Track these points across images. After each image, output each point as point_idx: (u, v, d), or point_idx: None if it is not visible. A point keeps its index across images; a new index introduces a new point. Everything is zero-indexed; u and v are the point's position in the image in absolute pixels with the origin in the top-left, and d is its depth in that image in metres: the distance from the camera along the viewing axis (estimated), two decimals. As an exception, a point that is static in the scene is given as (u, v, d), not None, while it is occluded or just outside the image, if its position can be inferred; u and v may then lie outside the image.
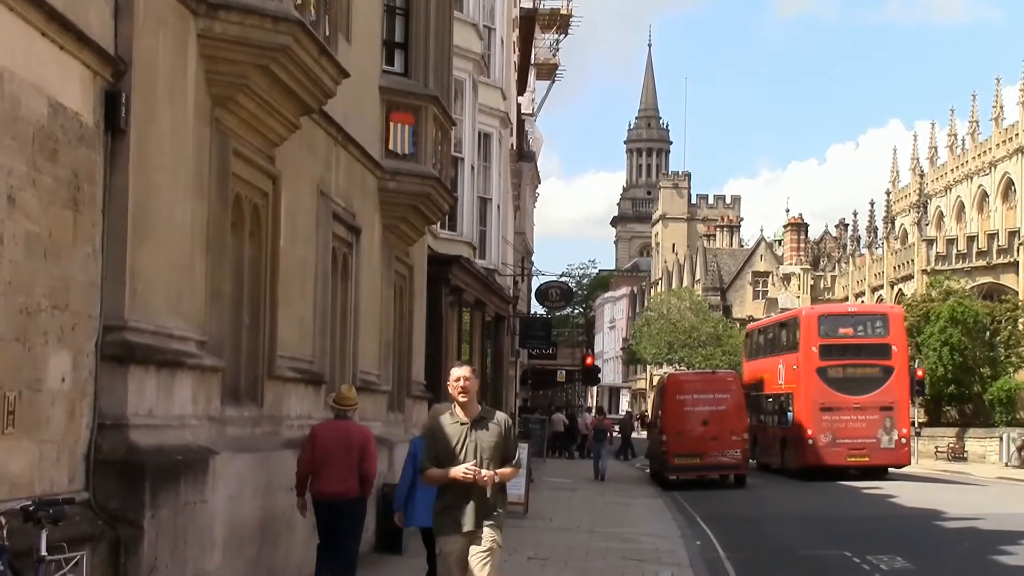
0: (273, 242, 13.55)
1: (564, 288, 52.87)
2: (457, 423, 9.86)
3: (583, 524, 23.57)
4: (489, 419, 9.91)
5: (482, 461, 9.69)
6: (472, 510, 9.71)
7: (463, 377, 9.87)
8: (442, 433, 9.88)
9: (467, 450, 9.73)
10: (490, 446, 9.78)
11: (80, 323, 9.46)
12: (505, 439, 9.90)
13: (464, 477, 9.59)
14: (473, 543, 9.70)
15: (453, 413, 9.91)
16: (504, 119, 35.38)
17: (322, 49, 12.95)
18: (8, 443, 8.41)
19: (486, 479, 9.62)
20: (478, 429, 9.82)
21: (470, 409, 9.88)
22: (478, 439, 9.77)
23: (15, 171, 8.44)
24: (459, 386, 9.84)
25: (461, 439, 9.77)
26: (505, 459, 9.89)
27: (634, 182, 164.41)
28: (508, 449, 9.94)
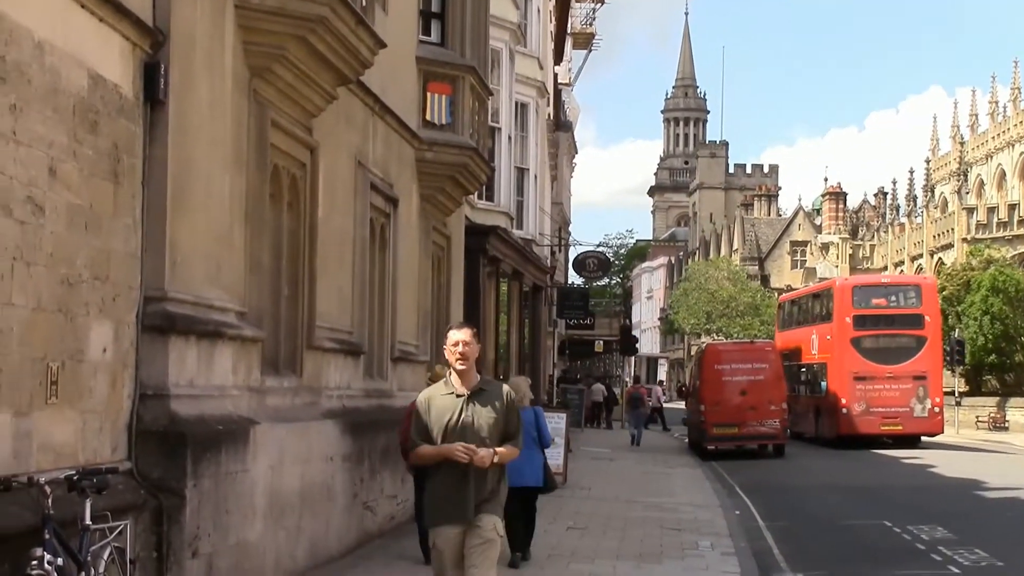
0: (311, 213, 13.58)
1: (601, 258, 52.74)
2: (452, 395, 8.53)
3: (621, 494, 23.58)
4: (489, 391, 8.61)
5: (479, 439, 8.38)
6: (469, 496, 8.43)
7: (462, 341, 8.52)
8: (434, 406, 8.55)
9: (462, 426, 8.41)
10: (489, 422, 8.47)
11: (121, 294, 9.52)
12: (507, 414, 8.60)
13: (459, 457, 8.29)
14: (470, 534, 8.43)
15: (448, 382, 8.60)
16: (541, 89, 35.26)
17: (359, 19, 12.94)
18: (51, 413, 8.48)
19: (484, 458, 8.31)
20: (476, 402, 8.50)
21: (468, 379, 8.56)
22: (475, 414, 8.46)
23: (56, 143, 8.48)
24: (457, 351, 8.50)
25: (456, 413, 8.44)
26: (506, 437, 8.58)
27: (671, 152, 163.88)
28: (510, 426, 8.63)
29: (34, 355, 8.23)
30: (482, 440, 8.37)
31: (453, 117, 19.70)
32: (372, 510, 15.61)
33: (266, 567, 11.64)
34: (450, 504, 8.47)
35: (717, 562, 15.16)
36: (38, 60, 8.26)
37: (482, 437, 8.38)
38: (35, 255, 8.21)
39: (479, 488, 8.46)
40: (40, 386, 8.32)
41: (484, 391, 8.57)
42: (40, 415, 8.32)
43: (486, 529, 8.45)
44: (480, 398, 8.51)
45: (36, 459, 8.24)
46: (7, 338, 7.87)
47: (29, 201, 8.13)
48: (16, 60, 7.96)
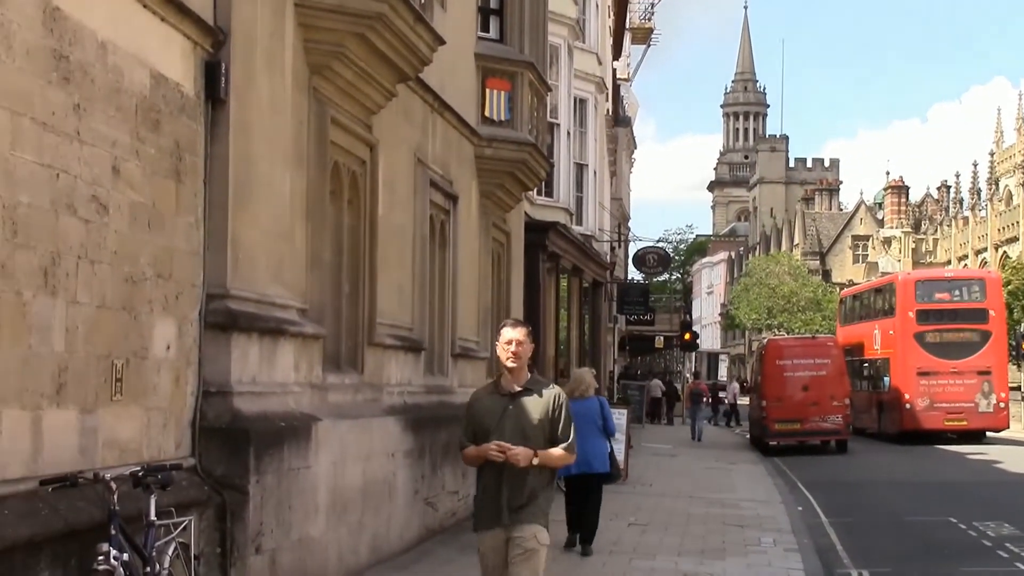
0: (371, 210, 13.61)
1: (661, 254, 52.53)
2: (497, 394, 8.28)
3: (683, 489, 23.50)
4: (537, 391, 8.24)
5: (522, 440, 8.02)
6: (502, 499, 8.11)
7: (516, 340, 8.17)
8: (480, 407, 8.34)
9: (505, 427, 8.08)
10: (533, 423, 8.12)
11: (184, 292, 9.58)
12: (553, 416, 8.18)
13: (492, 456, 8.00)
14: (511, 543, 8.11)
15: (497, 382, 8.35)
16: (600, 84, 35.19)
17: (418, 16, 12.96)
18: (117, 410, 8.55)
19: (518, 456, 7.93)
20: (521, 402, 8.17)
21: (518, 378, 8.23)
22: (520, 414, 8.13)
23: (119, 142, 8.55)
24: (511, 350, 8.17)
25: (500, 414, 8.15)
26: (553, 440, 8.17)
27: (731, 146, 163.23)
28: (557, 428, 8.20)
29: (99, 352, 8.30)
30: (525, 441, 8.00)
31: (512, 113, 19.69)
32: (433, 506, 15.63)
33: (329, 563, 11.68)
34: (486, 508, 8.24)
35: (780, 558, 15.07)
36: (101, 60, 8.33)
37: (526, 438, 8.02)
38: (99, 253, 8.28)
39: (514, 492, 8.09)
40: (105, 383, 8.39)
41: (531, 391, 8.22)
42: (105, 412, 8.39)
43: (526, 539, 8.08)
44: (526, 398, 8.19)
45: (102, 455, 8.31)
46: (73, 336, 7.95)
47: (93, 200, 8.19)
48: (80, 60, 8.03)
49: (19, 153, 7.30)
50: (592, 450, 14.66)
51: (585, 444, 13.81)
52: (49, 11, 7.66)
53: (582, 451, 13.79)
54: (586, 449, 14.12)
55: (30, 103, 7.44)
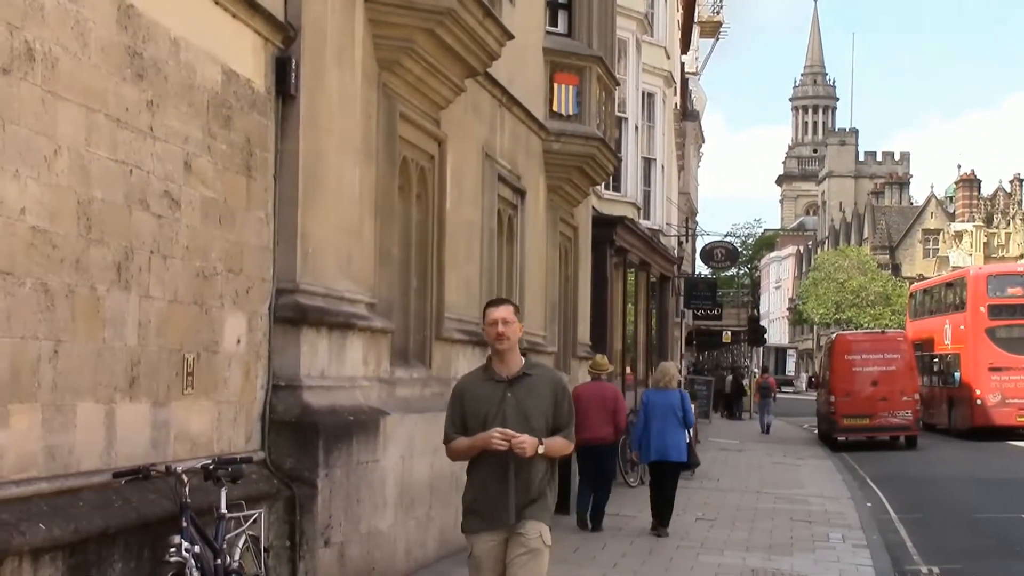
0: (440, 204, 13.64)
1: (729, 248, 52.26)
2: (491, 380, 7.42)
3: (750, 485, 23.39)
4: (536, 376, 7.46)
5: (526, 430, 7.25)
6: (509, 496, 7.32)
7: (501, 319, 7.35)
8: (472, 394, 7.47)
9: (505, 416, 7.27)
10: (536, 411, 7.33)
11: (254, 286, 9.66)
12: (557, 402, 7.42)
13: (495, 444, 7.17)
14: (512, 542, 7.37)
15: (488, 368, 7.49)
16: (668, 78, 35.04)
17: (487, 11, 12.98)
18: (188, 403, 8.64)
19: (525, 444, 7.14)
20: (520, 389, 7.35)
21: (511, 362, 7.40)
22: (520, 402, 7.32)
23: (191, 138, 8.63)
24: (495, 331, 7.34)
25: (496, 402, 7.32)
26: (556, 429, 7.41)
27: (799, 140, 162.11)
28: (561, 416, 7.44)
29: (171, 346, 8.39)
30: (529, 431, 7.23)
31: (580, 107, 19.67)
32: (501, 500, 15.62)
33: (397, 556, 11.74)
34: (488, 507, 7.40)
35: (848, 554, 14.97)
36: (174, 57, 8.40)
37: (530, 428, 7.24)
38: (171, 248, 8.37)
39: (524, 487, 7.35)
40: (176, 377, 8.47)
41: (529, 376, 7.41)
42: (177, 405, 8.48)
43: (531, 537, 7.35)
44: (525, 384, 7.37)
45: (173, 448, 8.40)
46: (145, 330, 8.03)
47: (166, 195, 8.28)
48: (153, 57, 8.11)
49: (94, 149, 7.39)
50: (670, 440, 15.92)
51: (664, 433, 15.88)
52: (124, 8, 7.75)
53: (661, 439, 15.65)
54: (665, 438, 15.89)
55: (104, 99, 7.52)
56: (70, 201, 7.16)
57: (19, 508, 6.57)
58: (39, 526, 6.61)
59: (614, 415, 16.44)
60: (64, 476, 7.11)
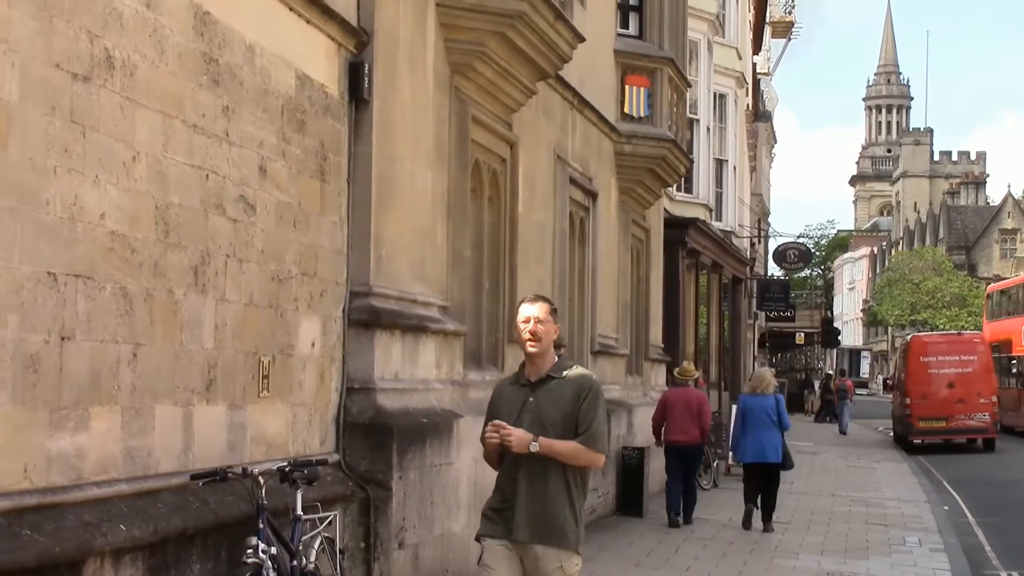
0: (511, 207, 13.67)
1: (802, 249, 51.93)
2: (518, 384, 6.93)
3: (825, 488, 23.21)
4: (562, 379, 6.80)
5: (542, 433, 6.63)
6: (517, 507, 6.67)
7: (534, 318, 6.78)
8: (501, 399, 7.01)
9: (523, 421, 6.69)
10: (556, 415, 6.69)
11: (328, 289, 9.73)
12: (580, 406, 6.71)
13: (488, 439, 6.70)
14: (529, 568, 6.75)
15: (521, 371, 6.97)
16: (739, 79, 34.90)
17: (558, 14, 12.99)
18: (264, 406, 8.71)
19: (513, 438, 6.56)
20: (544, 392, 6.78)
21: (541, 365, 6.83)
22: (541, 405, 6.74)
23: (266, 143, 8.71)
24: (527, 330, 6.78)
25: (518, 407, 6.79)
26: (576, 432, 6.69)
27: (873, 140, 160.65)
28: (584, 420, 6.69)
29: (246, 349, 8.47)
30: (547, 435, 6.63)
31: (651, 109, 19.65)
32: (573, 503, 15.62)
33: (470, 558, 11.73)
34: (498, 513, 6.82)
35: (925, 558, 14.83)
36: (249, 62, 8.49)
37: (545, 432, 6.63)
38: (247, 252, 8.44)
39: (536, 498, 6.65)
40: (252, 380, 8.55)
41: (555, 379, 6.80)
42: (253, 408, 8.55)
43: (548, 571, 6.71)
44: (550, 387, 6.78)
45: (250, 451, 8.48)
46: (221, 333, 8.11)
47: (241, 200, 8.36)
48: (228, 63, 8.19)
49: (171, 155, 7.48)
50: (768, 442, 16.83)
51: (762, 436, 16.81)
52: (200, 15, 7.84)
53: (758, 442, 16.64)
54: (762, 440, 16.79)
55: (181, 105, 7.61)
56: (148, 206, 7.25)
57: (100, 509, 6.66)
58: (119, 527, 6.69)
59: (700, 418, 17.37)
60: (143, 478, 7.19)
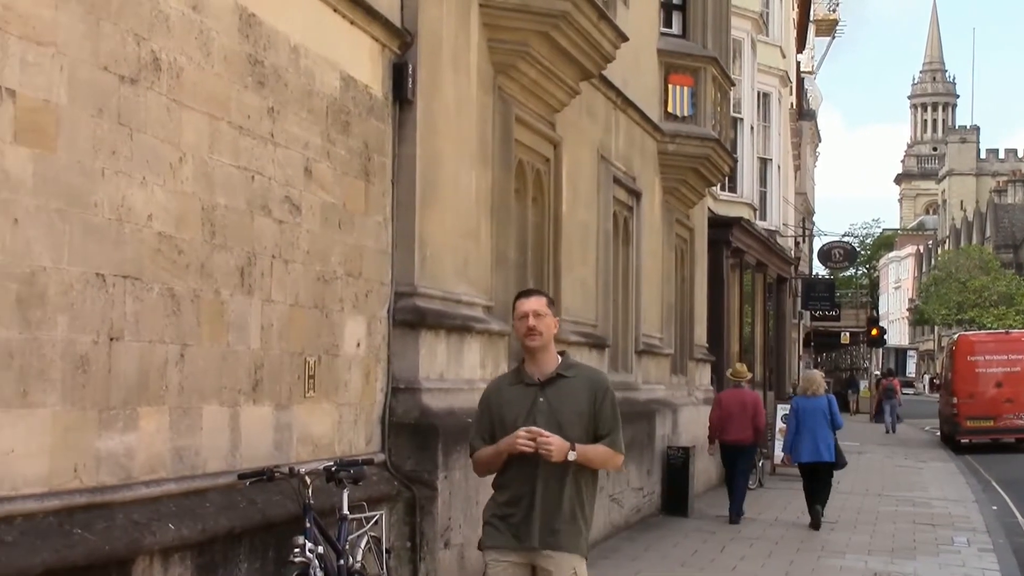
0: (555, 207, 13.66)
1: (847, 248, 51.75)
2: (521, 383, 6.49)
3: (871, 487, 23.09)
4: (573, 377, 6.45)
5: (558, 435, 6.25)
6: (534, 513, 6.32)
7: (532, 312, 6.39)
8: (500, 400, 6.55)
9: (536, 422, 6.30)
10: (573, 416, 6.34)
11: (373, 290, 9.76)
12: (597, 407, 6.40)
13: (520, 446, 6.20)
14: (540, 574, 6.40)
15: (519, 369, 6.57)
16: (783, 78, 34.77)
17: (601, 14, 12.98)
18: (310, 406, 8.75)
19: (552, 446, 6.15)
20: (555, 392, 6.39)
21: (544, 362, 6.45)
22: (553, 407, 6.34)
23: (311, 143, 8.75)
24: (525, 325, 6.39)
25: (527, 408, 6.37)
26: (598, 437, 6.39)
27: (918, 138, 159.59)
28: (603, 422, 6.41)
29: (292, 350, 8.50)
30: (564, 439, 6.25)
31: (695, 108, 19.60)
32: (619, 503, 15.64)
33: (515, 558, 11.75)
34: (507, 522, 6.41)
35: (974, 559, 14.73)
36: (294, 64, 8.53)
37: (564, 435, 6.26)
38: (292, 253, 8.48)
39: (552, 504, 6.32)
40: (298, 380, 8.58)
41: (565, 378, 6.43)
42: (299, 408, 8.59)
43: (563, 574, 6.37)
44: (560, 387, 6.41)
45: (296, 450, 8.52)
46: (268, 334, 8.15)
47: (286, 201, 8.40)
48: (274, 64, 8.24)
49: (217, 156, 7.52)
50: (822, 441, 17.27)
51: (816, 436, 17.28)
52: (245, 17, 7.88)
53: (813, 442, 17.14)
54: (817, 440, 17.26)
55: (227, 107, 7.66)
56: (195, 207, 7.30)
57: (149, 508, 6.71)
58: (168, 526, 6.74)
59: (753, 419, 17.86)
60: (191, 477, 7.24)
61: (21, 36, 5.81)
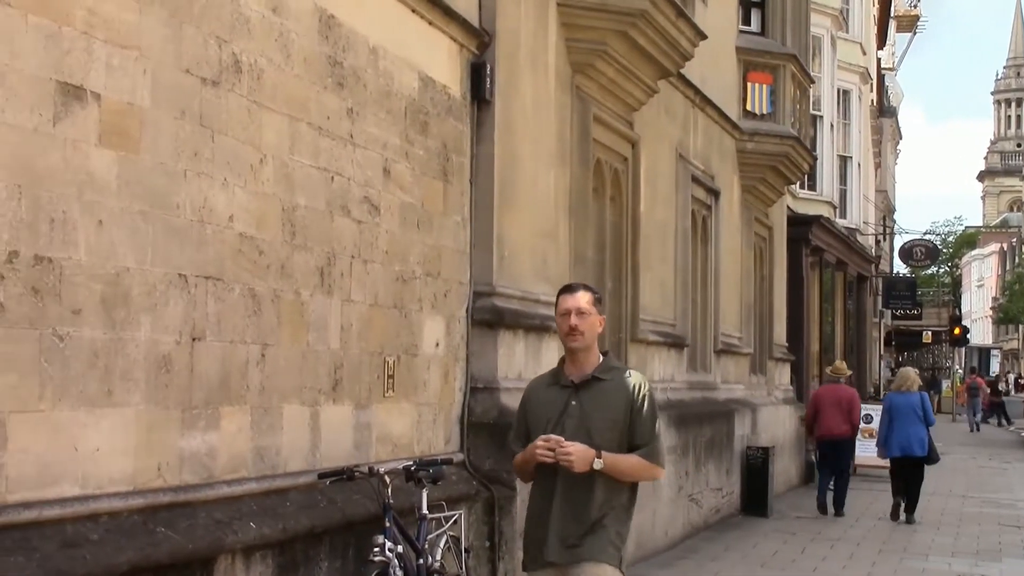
0: (633, 206, 13.63)
1: (929, 246, 51.13)
2: (558, 386, 6.11)
3: (955, 488, 22.79)
4: (609, 380, 6.02)
5: (587, 443, 5.87)
6: (549, 523, 5.96)
7: (575, 309, 5.98)
8: (536, 402, 6.21)
9: (565, 427, 5.93)
10: (605, 422, 5.93)
11: (452, 290, 9.77)
12: (633, 413, 5.96)
13: (539, 456, 5.86)
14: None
15: (559, 371, 6.18)
16: (864, 75, 34.46)
17: (679, 12, 12.93)
18: (389, 406, 8.78)
19: (572, 456, 5.76)
20: (587, 395, 5.99)
21: (584, 363, 6.05)
22: (584, 411, 5.95)
23: (390, 144, 8.78)
24: (567, 323, 5.99)
25: (558, 412, 6.00)
26: (633, 444, 5.95)
27: (1002, 134, 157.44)
28: (639, 430, 5.96)
29: (372, 349, 8.54)
30: (593, 447, 5.86)
31: (774, 106, 19.50)
32: (697, 503, 15.57)
33: (594, 558, 11.72)
34: (532, 539, 6.09)
35: (1062, 562, 14.50)
36: (373, 65, 8.56)
37: (592, 446, 5.85)
38: (371, 253, 8.52)
39: (572, 514, 5.92)
40: (378, 380, 8.61)
41: (601, 380, 6.01)
42: (378, 408, 8.62)
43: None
44: (594, 390, 6.01)
45: (375, 450, 8.55)
46: (347, 334, 8.19)
47: (365, 201, 8.43)
48: (353, 66, 8.27)
49: (297, 157, 7.57)
50: (914, 437, 17.58)
51: (909, 432, 17.63)
52: (325, 19, 7.92)
53: (905, 437, 17.66)
54: (909, 436, 17.59)
55: (307, 108, 7.70)
56: (275, 208, 7.35)
57: (231, 507, 6.76)
58: (250, 525, 6.79)
59: (850, 414, 18.38)
60: (272, 476, 7.29)
61: (106, 40, 5.88)
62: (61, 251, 5.59)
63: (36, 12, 5.47)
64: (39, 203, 5.47)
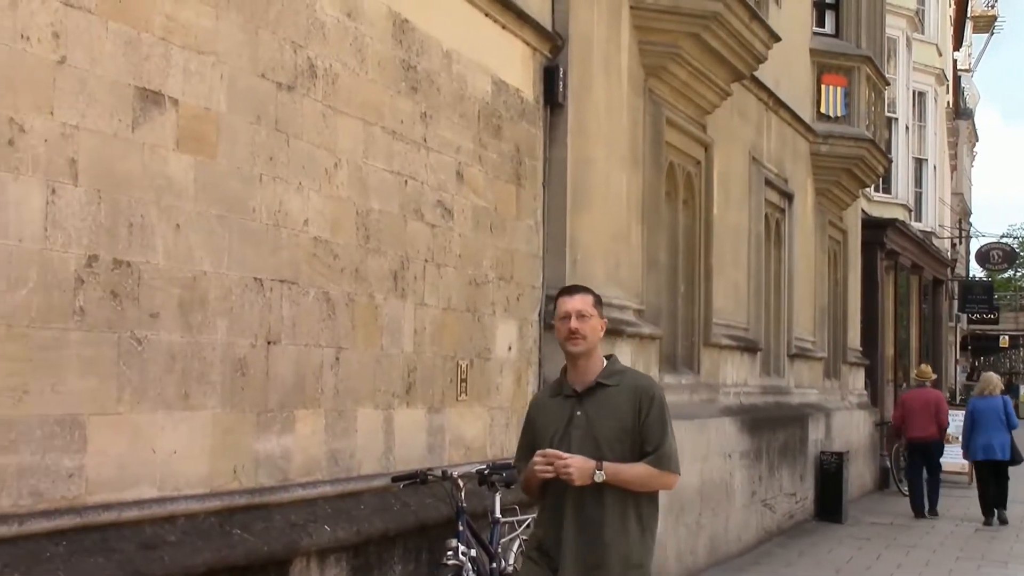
0: (706, 210, 13.57)
1: (1006, 249, 50.43)
2: (562, 396, 5.67)
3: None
4: (613, 387, 5.57)
5: (596, 455, 5.44)
6: (571, 545, 5.51)
7: (575, 312, 5.56)
8: (541, 414, 5.77)
9: (571, 439, 5.51)
10: (612, 431, 5.50)
11: (524, 293, 9.77)
12: (641, 419, 5.52)
13: (539, 474, 5.48)
14: None
15: (562, 380, 5.73)
16: (939, 76, 34.09)
17: (753, 14, 12.86)
18: (462, 409, 8.79)
19: (572, 470, 5.35)
20: (592, 404, 5.55)
21: (587, 370, 5.60)
22: (590, 420, 5.51)
23: (463, 148, 8.79)
24: (567, 327, 5.55)
25: (564, 423, 5.56)
26: (644, 452, 5.51)
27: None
28: (650, 436, 5.52)
29: (445, 353, 8.55)
30: (600, 457, 5.43)
31: (848, 109, 19.35)
32: (771, 508, 15.47)
33: (667, 562, 11.70)
34: (542, 553, 5.66)
35: None
36: (446, 69, 8.58)
37: (600, 457, 5.44)
38: (445, 257, 8.53)
39: (589, 532, 5.49)
40: (451, 383, 8.63)
41: (606, 386, 5.57)
42: (451, 411, 8.64)
43: None
44: (601, 396, 5.57)
45: (448, 453, 8.56)
46: (420, 337, 8.21)
47: (439, 205, 8.45)
48: (427, 70, 8.29)
49: (371, 161, 7.60)
50: (996, 440, 17.98)
51: (991, 435, 18.03)
52: (399, 24, 7.95)
53: (988, 441, 18.08)
54: (991, 439, 17.99)
55: (381, 112, 7.73)
56: (349, 212, 7.38)
57: (305, 510, 6.80)
58: (324, 528, 6.82)
59: (937, 416, 18.74)
60: (346, 479, 7.32)
61: (183, 46, 5.94)
62: (139, 255, 5.65)
63: (116, 18, 5.53)
64: (118, 208, 5.53)
